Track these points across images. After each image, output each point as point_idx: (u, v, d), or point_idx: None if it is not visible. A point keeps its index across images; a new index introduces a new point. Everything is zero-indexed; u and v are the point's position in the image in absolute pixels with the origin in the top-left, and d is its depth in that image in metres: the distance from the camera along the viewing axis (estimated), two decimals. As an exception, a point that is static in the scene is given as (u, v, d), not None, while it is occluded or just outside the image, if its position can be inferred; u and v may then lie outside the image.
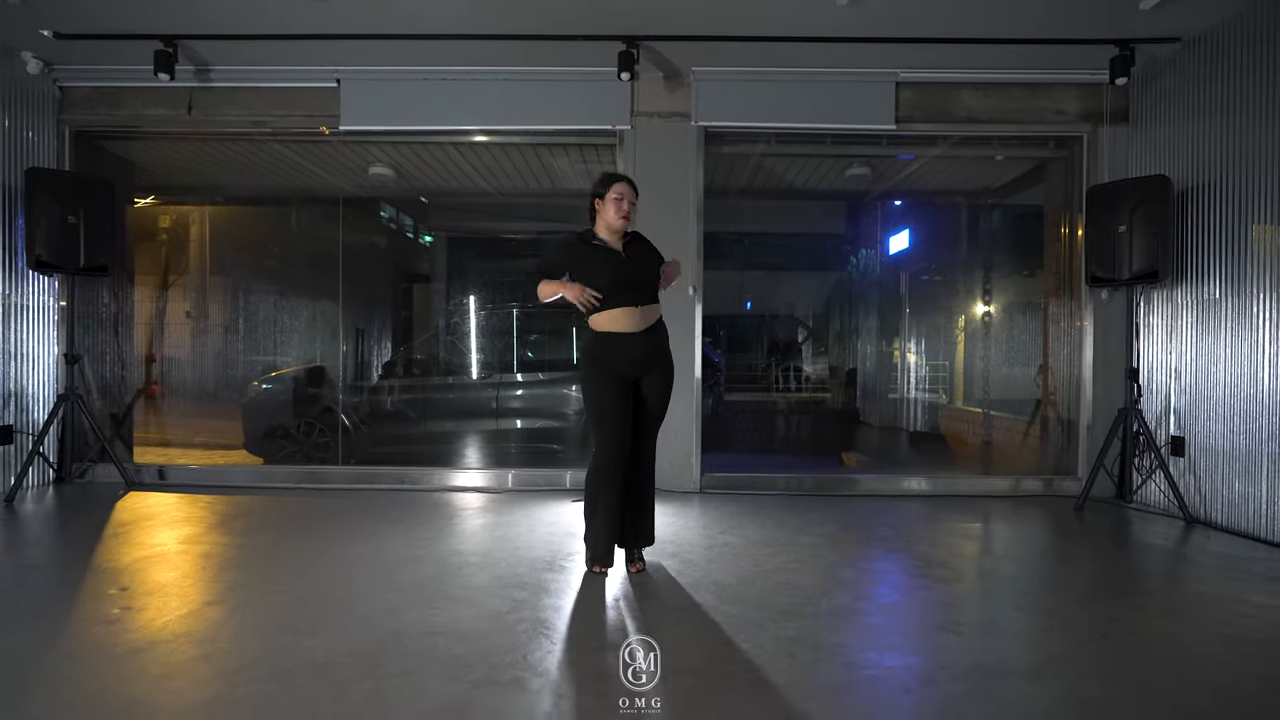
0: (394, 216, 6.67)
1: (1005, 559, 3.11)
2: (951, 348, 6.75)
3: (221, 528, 3.30)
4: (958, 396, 6.61)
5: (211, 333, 5.86)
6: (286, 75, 4.22)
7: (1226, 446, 3.54)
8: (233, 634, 2.05)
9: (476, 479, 4.42)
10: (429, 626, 2.12)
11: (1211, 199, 3.63)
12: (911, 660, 1.95)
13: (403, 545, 3.03)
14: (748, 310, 8.97)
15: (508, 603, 2.33)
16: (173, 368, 5.66)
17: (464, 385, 6.19)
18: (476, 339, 6.45)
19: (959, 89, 4.25)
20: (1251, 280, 3.40)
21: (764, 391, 8.23)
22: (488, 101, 4.23)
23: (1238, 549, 3.18)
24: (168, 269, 5.64)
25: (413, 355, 6.92)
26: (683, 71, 4.20)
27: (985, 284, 6.05)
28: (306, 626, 2.12)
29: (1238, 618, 2.31)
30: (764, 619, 2.21)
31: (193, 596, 2.37)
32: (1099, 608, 2.39)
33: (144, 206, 5.35)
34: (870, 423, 7.28)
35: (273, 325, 6.08)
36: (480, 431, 5.69)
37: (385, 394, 6.12)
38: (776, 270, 8.30)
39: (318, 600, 2.35)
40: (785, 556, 2.91)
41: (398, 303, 7.06)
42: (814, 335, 8.44)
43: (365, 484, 4.38)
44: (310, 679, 1.78)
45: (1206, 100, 3.66)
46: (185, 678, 1.78)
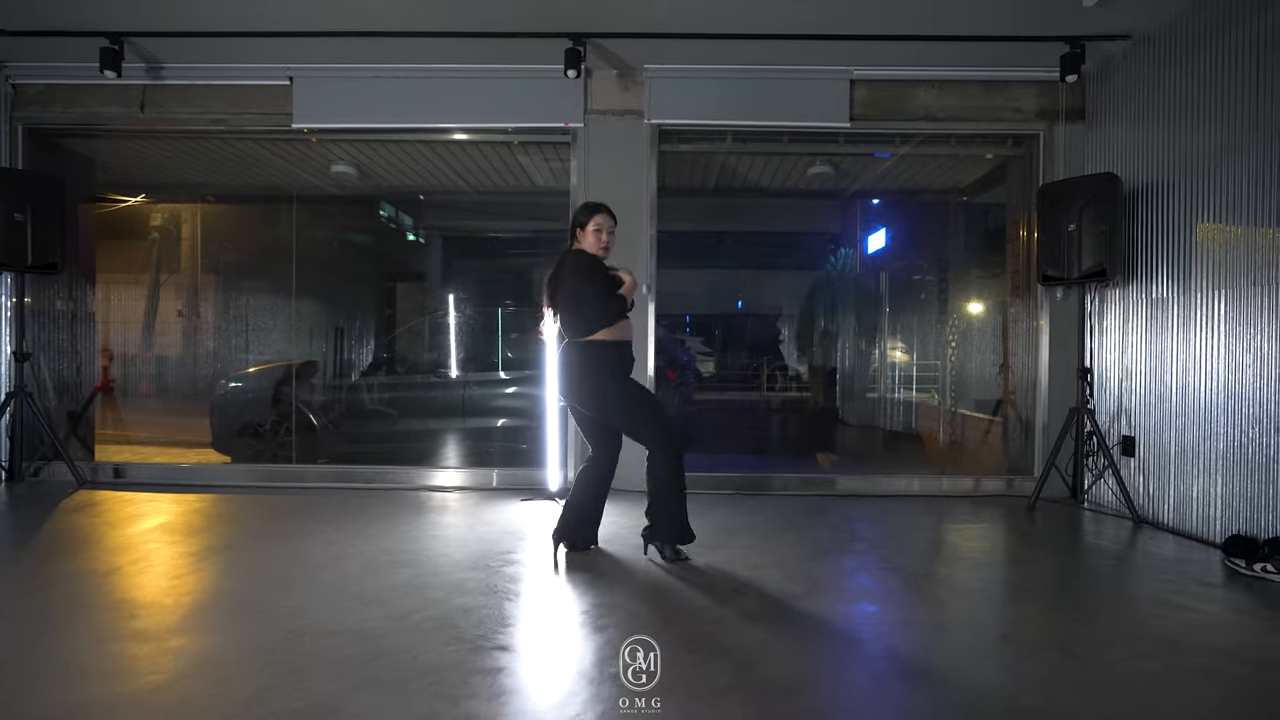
0: (390, 214, 6.68)
1: (943, 562, 3.09)
2: (925, 347, 6.73)
3: (158, 527, 3.31)
4: (939, 396, 6.59)
5: (175, 331, 5.87)
6: (239, 73, 4.21)
7: (1173, 447, 3.51)
8: (129, 635, 2.05)
9: (455, 478, 4.38)
10: (333, 626, 2.11)
11: (1160, 198, 3.60)
12: (805, 665, 1.93)
13: (335, 544, 3.02)
14: (740, 308, 9.02)
15: (420, 603, 2.32)
16: (136, 365, 5.68)
17: (439, 384, 6.19)
18: (455, 337, 6.47)
19: (915, 86, 4.22)
20: (1197, 279, 3.38)
21: (741, 390, 8.25)
22: (440, 99, 4.22)
23: (1180, 551, 3.16)
24: (133, 267, 5.65)
25: (386, 353, 6.94)
26: (635, 69, 4.18)
27: (953, 285, 6.03)
28: (209, 626, 2.12)
29: (1152, 619, 2.29)
30: (672, 617, 2.20)
31: (105, 596, 2.37)
32: (1015, 608, 2.37)
33: (109, 205, 5.36)
34: (848, 421, 7.27)
35: (244, 323, 6.10)
36: (453, 430, 5.70)
37: (360, 392, 6.14)
38: (739, 269, 8.37)
39: (228, 600, 2.35)
40: (713, 557, 2.90)
41: (368, 301, 7.08)
42: (794, 336, 8.44)
43: (336, 483, 4.34)
44: (197, 677, 1.78)
45: (1155, 99, 3.63)
46: (67, 678, 1.78)
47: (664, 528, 2.76)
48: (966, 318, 5.99)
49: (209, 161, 5.10)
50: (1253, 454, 3.03)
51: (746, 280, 8.73)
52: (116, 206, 5.47)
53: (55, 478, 4.28)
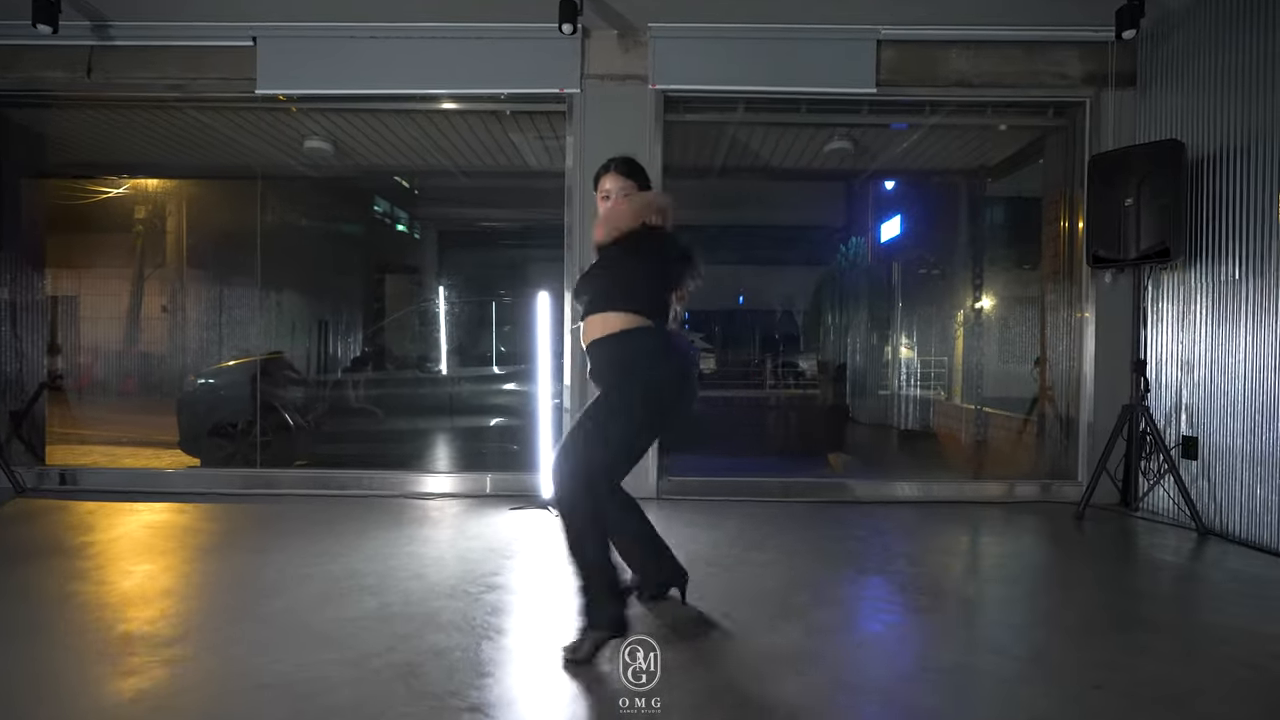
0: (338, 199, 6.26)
1: (992, 581, 2.69)
2: (946, 342, 6.34)
3: (91, 546, 2.89)
4: (954, 392, 6.21)
5: (137, 322, 5.45)
6: (197, 32, 3.78)
7: (1246, 448, 3.11)
8: (23, 684, 1.65)
9: (445, 483, 3.95)
10: (273, 675, 1.71)
11: (1231, 169, 3.20)
12: (865, 712, 1.54)
13: (294, 563, 2.61)
14: (739, 304, 8.66)
15: (384, 642, 1.92)
16: (94, 360, 5.26)
17: (427, 380, 5.78)
18: (446, 331, 6.07)
19: (947, 48, 3.81)
20: (1275, 259, 2.98)
21: (751, 388, 7.88)
22: (423, 62, 3.79)
23: (1259, 567, 2.76)
24: (90, 253, 5.23)
25: (370, 347, 6.54)
26: (638, 28, 3.77)
27: (979, 274, 5.63)
28: (120, 669, 1.71)
29: (1267, 658, 1.90)
30: (691, 661, 1.80)
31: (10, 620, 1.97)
32: (1096, 649, 1.97)
33: (56, 182, 4.92)
34: (860, 420, 6.89)
35: (217, 314, 5.69)
36: (439, 430, 5.29)
37: (342, 389, 5.73)
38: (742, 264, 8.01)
39: (147, 637, 1.94)
40: (729, 578, 2.50)
41: (350, 293, 6.68)
42: (801, 329, 8.08)
43: (313, 489, 3.92)
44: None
45: (1224, 60, 3.22)
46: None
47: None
48: (996, 307, 5.60)
49: (165, 135, 4.65)
50: (1350, 458, 2.64)
51: (750, 274, 8.37)
52: (72, 188, 5.04)
53: (-7, 484, 3.86)
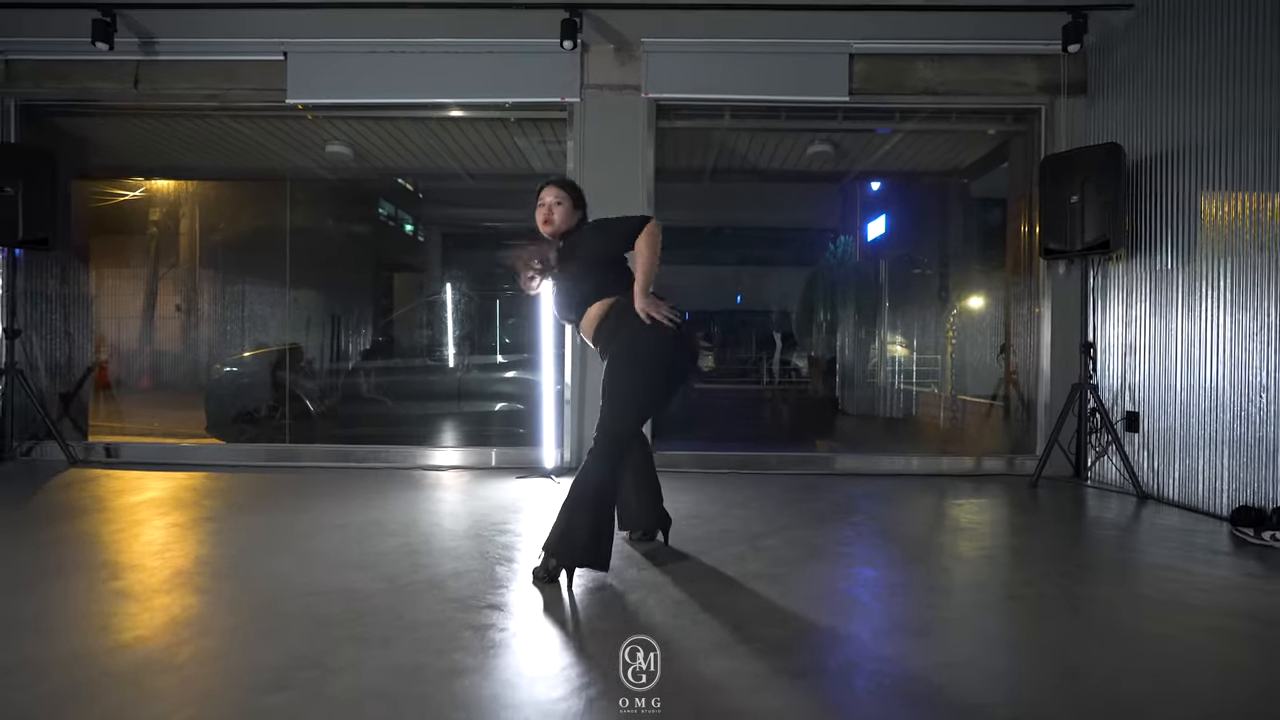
0: (376, 201, 6.65)
1: (943, 532, 3.03)
2: (929, 335, 6.67)
3: (146, 501, 3.26)
4: (943, 383, 6.53)
5: (170, 311, 5.82)
6: (233, 48, 4.16)
7: (1178, 421, 3.45)
8: (111, 595, 2.00)
9: (454, 457, 4.32)
10: (316, 588, 2.06)
11: (1164, 170, 3.54)
12: (797, 627, 1.88)
13: (324, 516, 2.97)
14: (738, 303, 8.98)
15: (410, 567, 2.27)
16: (130, 347, 5.63)
17: (435, 369, 6.15)
18: (452, 323, 6.42)
19: (914, 60, 4.17)
20: (1202, 250, 3.32)
21: (749, 382, 8.19)
22: (438, 74, 4.17)
23: (1184, 522, 3.10)
24: (128, 249, 5.61)
25: (382, 338, 6.90)
26: (632, 43, 4.13)
27: (955, 268, 5.98)
28: (191, 587, 2.07)
29: (1165, 583, 2.23)
30: (663, 583, 2.15)
31: (88, 566, 2.32)
32: (1020, 574, 2.32)
33: (107, 189, 5.32)
34: (849, 411, 7.21)
35: (240, 308, 6.05)
36: (449, 415, 5.64)
37: (355, 376, 6.10)
38: (737, 265, 8.33)
39: (211, 565, 2.30)
40: (711, 526, 2.85)
41: (367, 287, 7.04)
42: (793, 326, 8.39)
43: (332, 462, 4.29)
44: (177, 633, 1.73)
45: (1160, 70, 3.57)
46: (47, 633, 1.73)
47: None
48: (968, 302, 5.93)
49: (202, 142, 5.04)
50: (1259, 425, 2.97)
51: (743, 274, 8.68)
52: (110, 190, 5.43)
53: (46, 457, 4.23)
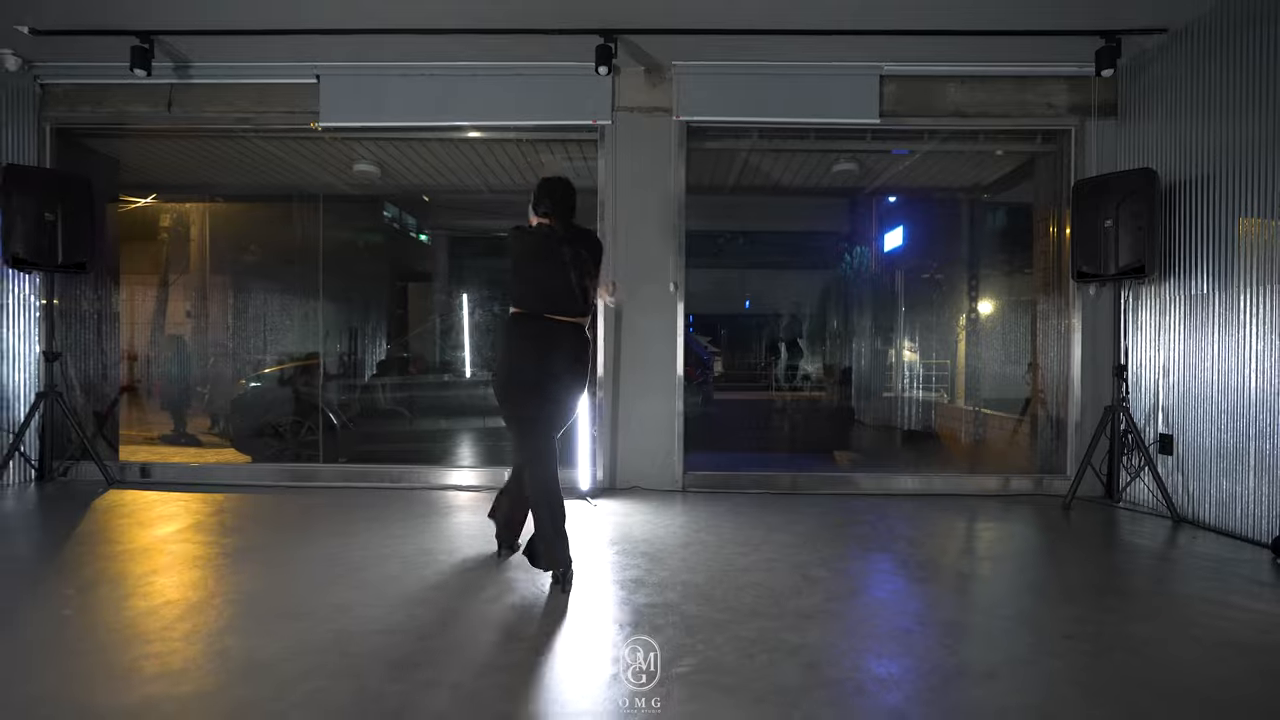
0: (394, 215, 6.68)
1: (984, 559, 3.05)
2: (946, 346, 6.69)
3: (192, 527, 3.28)
4: (959, 395, 6.54)
5: (200, 331, 5.86)
6: (266, 71, 4.19)
7: (1214, 444, 3.47)
8: (183, 634, 2.03)
9: (481, 477, 4.34)
10: (386, 625, 2.09)
11: (1199, 193, 3.56)
12: (870, 662, 1.90)
13: (375, 542, 3.00)
14: (746, 309, 9.02)
15: (472, 601, 2.30)
16: (159, 365, 5.67)
17: (455, 383, 6.19)
18: (470, 337, 6.45)
19: (945, 82, 4.19)
20: (1239, 275, 3.33)
21: (762, 390, 8.22)
22: (469, 97, 4.20)
23: (1223, 549, 3.11)
24: (156, 267, 5.64)
25: (403, 352, 6.93)
26: (664, 66, 4.16)
27: (975, 282, 5.99)
28: (254, 628, 2.09)
29: (1213, 619, 2.25)
30: (727, 619, 2.17)
31: (149, 596, 2.35)
32: (1070, 609, 2.33)
33: (130, 204, 5.35)
34: (865, 421, 7.23)
35: (262, 323, 6.08)
36: (473, 429, 5.67)
37: (376, 391, 6.13)
38: (751, 269, 8.38)
39: (270, 599, 2.33)
40: (757, 556, 2.87)
41: (391, 301, 7.06)
42: (808, 334, 8.41)
43: (354, 481, 4.33)
44: (250, 679, 1.75)
45: (1194, 92, 3.58)
46: (129, 678, 1.76)
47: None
48: (991, 316, 5.95)
49: (231, 161, 5.08)
50: (1301, 451, 2.99)
51: (759, 280, 8.72)
52: (135, 205, 5.46)
53: (83, 477, 4.26)
